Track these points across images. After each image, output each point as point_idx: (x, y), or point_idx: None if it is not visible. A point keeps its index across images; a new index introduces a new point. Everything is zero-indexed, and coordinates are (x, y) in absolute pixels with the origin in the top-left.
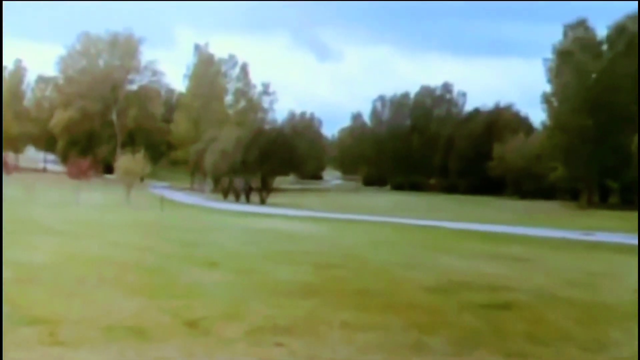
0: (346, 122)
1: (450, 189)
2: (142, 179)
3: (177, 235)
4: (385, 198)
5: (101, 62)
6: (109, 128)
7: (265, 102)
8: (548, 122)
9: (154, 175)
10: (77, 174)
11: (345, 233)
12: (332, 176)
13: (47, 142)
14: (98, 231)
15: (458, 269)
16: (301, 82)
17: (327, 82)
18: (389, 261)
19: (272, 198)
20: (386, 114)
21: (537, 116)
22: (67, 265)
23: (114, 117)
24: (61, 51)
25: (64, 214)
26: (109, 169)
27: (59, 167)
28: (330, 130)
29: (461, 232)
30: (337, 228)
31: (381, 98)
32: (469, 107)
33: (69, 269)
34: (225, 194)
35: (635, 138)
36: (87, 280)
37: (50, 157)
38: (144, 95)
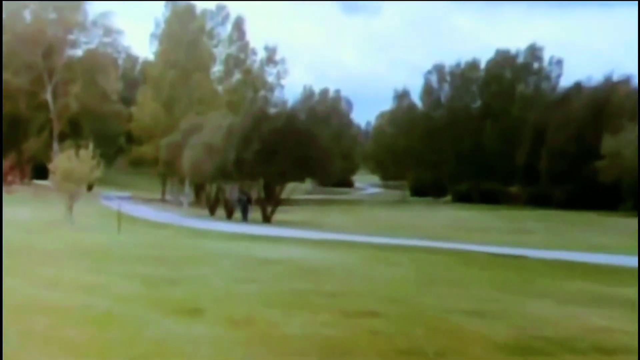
0: (386, 104)
1: (539, 200)
2: (89, 187)
3: (141, 268)
4: (444, 214)
5: (27, 15)
6: (41, 112)
7: (270, 74)
8: None
9: (107, 181)
10: None
11: (386, 265)
12: (366, 182)
13: None
14: (24, 263)
15: (551, 319)
16: (321, 46)
17: (358, 46)
18: (450, 307)
19: (280, 214)
20: (445, 93)
21: None
22: None
23: (48, 96)
24: None
25: None
26: (40, 171)
27: None
28: (364, 115)
29: (556, 264)
30: (373, 258)
31: (437, 69)
32: (566, 81)
33: None
34: (212, 208)
35: None
36: (7, 336)
37: None
38: (93, 65)
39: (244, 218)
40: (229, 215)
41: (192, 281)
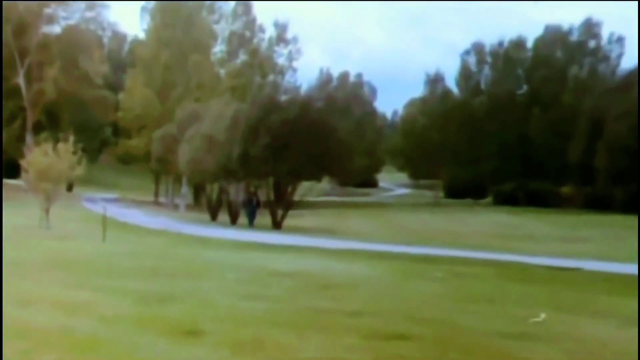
0: (417, 91)
1: (596, 203)
2: (69, 187)
3: (130, 283)
4: (484, 219)
5: None
6: (11, 99)
7: (281, 55)
8: None
9: (90, 181)
10: None
11: (417, 280)
12: (393, 182)
13: None
14: None
15: (610, 343)
16: (340, 23)
17: (384, 23)
18: (491, 328)
19: (292, 218)
20: (485, 76)
21: None
22: None
23: (20, 80)
24: None
25: None
26: (11, 169)
27: None
28: (391, 103)
29: (616, 278)
30: (402, 271)
31: (476, 49)
32: (628, 62)
33: None
34: (213, 212)
35: None
36: None
37: None
38: (74, 43)
39: (251, 223)
40: (234, 221)
41: (190, 298)
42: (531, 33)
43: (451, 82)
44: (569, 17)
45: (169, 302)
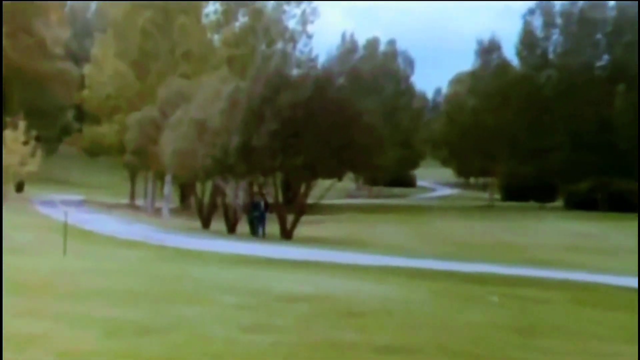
0: (466, 63)
1: None
2: (19, 186)
3: (99, 309)
4: (553, 227)
5: None
6: None
7: (292, 17)
8: None
9: (48, 178)
10: None
11: (468, 305)
12: (435, 179)
13: None
14: None
15: None
16: None
17: None
18: None
19: (306, 226)
20: (555, 44)
21: None
22: None
23: None
24: None
25: None
26: None
27: None
28: (432, 79)
29: None
30: (447, 294)
31: (543, 9)
32: None
33: None
34: (206, 219)
35: None
36: None
37: None
38: (25, 3)
39: (255, 232)
40: (231, 229)
41: (177, 329)
42: None
43: (510, 52)
44: None
45: (148, 335)
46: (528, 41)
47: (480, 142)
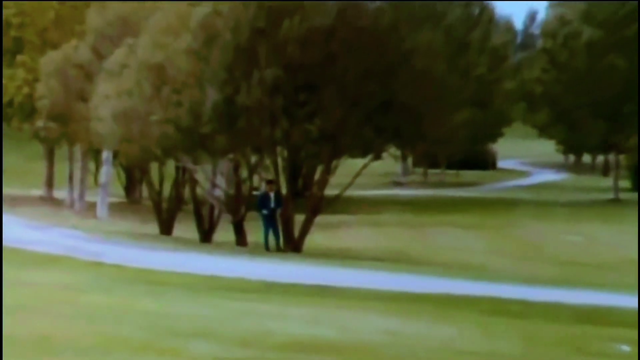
0: None
1: None
2: None
3: None
4: None
5: None
6: None
7: None
8: None
9: None
10: None
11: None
12: (528, 158)
13: None
14: None
15: None
16: None
17: None
18: None
19: (323, 231)
20: None
21: None
22: None
23: None
24: None
25: None
26: None
27: None
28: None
29: None
30: (554, 340)
31: None
32: None
33: None
34: (165, 220)
35: None
36: None
37: None
38: None
39: (266, 243)
40: (206, 236)
41: None
42: None
43: None
44: None
45: None
46: None
47: (602, 99)
